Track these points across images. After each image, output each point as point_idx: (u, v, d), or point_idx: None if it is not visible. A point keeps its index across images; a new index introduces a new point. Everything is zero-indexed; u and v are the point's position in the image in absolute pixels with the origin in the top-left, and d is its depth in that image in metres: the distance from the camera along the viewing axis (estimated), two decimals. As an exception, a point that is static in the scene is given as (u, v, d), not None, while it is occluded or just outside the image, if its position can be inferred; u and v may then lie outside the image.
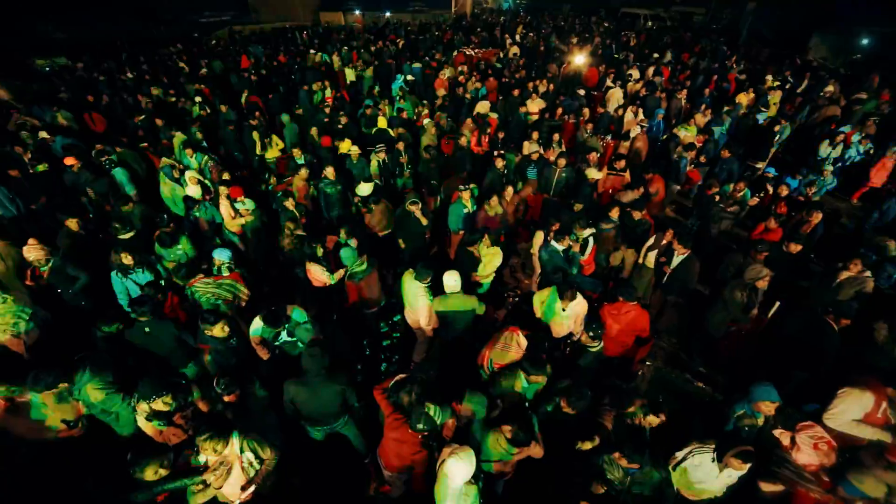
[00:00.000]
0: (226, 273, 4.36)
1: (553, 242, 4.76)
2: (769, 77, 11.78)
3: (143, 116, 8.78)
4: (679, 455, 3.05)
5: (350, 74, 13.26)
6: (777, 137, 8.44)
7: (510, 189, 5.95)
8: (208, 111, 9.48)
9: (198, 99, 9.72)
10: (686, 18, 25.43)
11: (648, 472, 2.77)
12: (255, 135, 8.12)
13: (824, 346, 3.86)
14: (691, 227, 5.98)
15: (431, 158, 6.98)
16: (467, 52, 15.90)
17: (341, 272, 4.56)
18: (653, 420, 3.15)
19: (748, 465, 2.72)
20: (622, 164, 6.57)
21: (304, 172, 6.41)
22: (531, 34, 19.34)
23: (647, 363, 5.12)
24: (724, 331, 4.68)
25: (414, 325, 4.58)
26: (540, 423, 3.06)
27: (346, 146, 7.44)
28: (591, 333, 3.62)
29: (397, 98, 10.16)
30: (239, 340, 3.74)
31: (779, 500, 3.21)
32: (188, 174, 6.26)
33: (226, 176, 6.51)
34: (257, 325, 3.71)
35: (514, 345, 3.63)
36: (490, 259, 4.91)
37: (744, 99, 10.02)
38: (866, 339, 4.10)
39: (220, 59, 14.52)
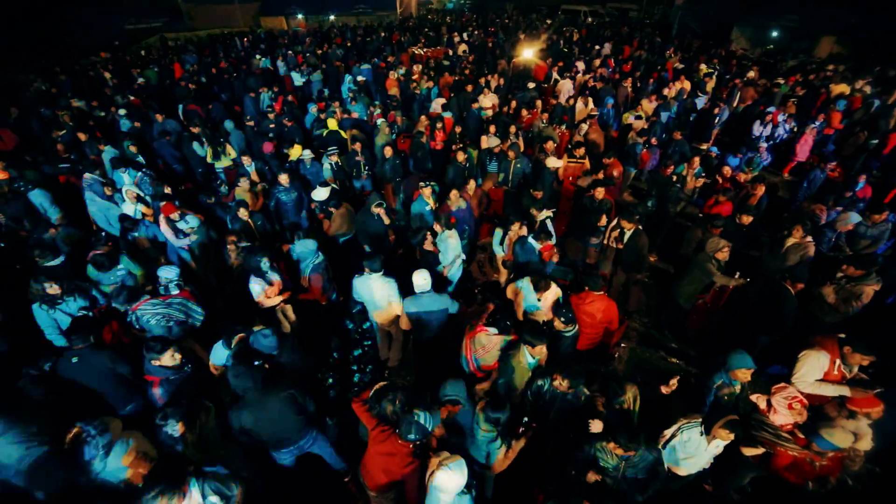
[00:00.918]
0: (175, 291, 3.94)
1: (529, 239, 4.73)
2: (703, 66, 12.55)
3: (63, 132, 7.92)
4: (668, 433, 3.05)
5: (297, 79, 12.79)
6: (717, 120, 8.93)
7: (472, 183, 5.91)
8: (139, 123, 8.71)
9: (122, 112, 8.92)
10: (622, 14, 26.96)
11: (642, 454, 2.73)
12: (201, 145, 7.56)
13: (784, 309, 4.03)
14: (651, 207, 6.17)
15: (390, 157, 6.78)
16: (416, 52, 15.82)
17: (279, 297, 4.25)
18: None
19: (735, 434, 2.75)
20: (581, 151, 6.69)
21: (244, 183, 6.06)
22: (478, 31, 19.53)
23: (622, 345, 5.18)
24: (694, 303, 4.81)
25: (384, 325, 4.37)
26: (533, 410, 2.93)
27: (296, 151, 7.07)
28: (562, 318, 3.58)
29: (348, 100, 9.85)
30: (195, 365, 3.36)
31: (760, 462, 3.29)
32: (126, 190, 5.66)
33: (167, 190, 5.98)
34: (220, 351, 3.36)
35: (494, 335, 3.57)
36: (446, 244, 4.80)
37: (686, 85, 10.55)
38: (815, 299, 4.36)
39: (153, 68, 13.53)
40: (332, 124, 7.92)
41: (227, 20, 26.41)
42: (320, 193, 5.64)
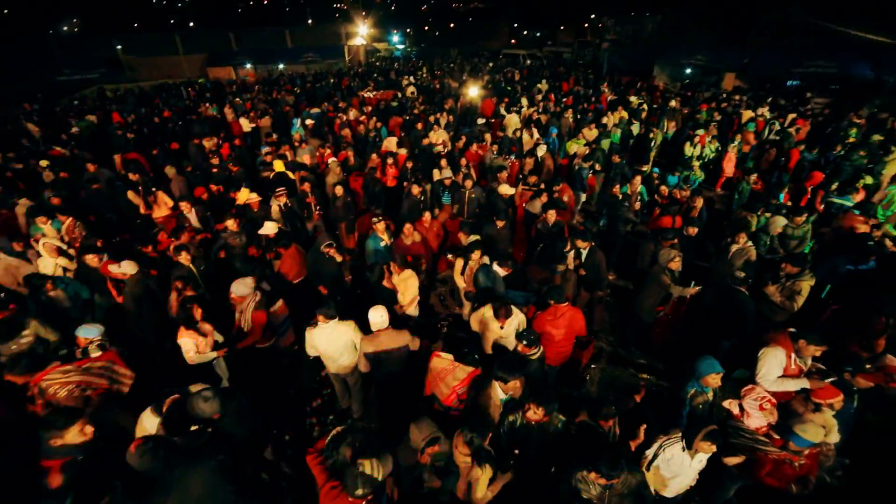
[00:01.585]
0: (96, 354, 3.43)
1: (495, 266, 4.67)
2: (633, 98, 13.73)
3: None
4: (649, 453, 2.91)
5: (245, 124, 12.61)
6: (653, 143, 9.64)
7: (427, 215, 5.89)
8: (66, 174, 8.06)
9: (43, 163, 8.29)
10: (557, 56, 29.49)
11: (626, 479, 2.56)
12: (131, 194, 7.08)
13: (744, 312, 4.15)
14: (602, 226, 6.36)
15: (341, 196, 6.66)
16: (366, 95, 16.22)
17: (214, 353, 3.87)
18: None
19: (716, 445, 2.66)
20: (534, 178, 6.93)
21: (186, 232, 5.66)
22: (425, 75, 20.45)
23: (593, 366, 5.11)
24: (655, 316, 4.86)
25: (342, 374, 4.03)
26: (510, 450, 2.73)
27: (244, 195, 6.76)
28: (525, 342, 3.46)
29: (297, 143, 9.76)
30: (116, 439, 2.85)
31: (743, 471, 3.22)
32: (43, 243, 5.07)
33: (98, 243, 5.45)
34: (149, 420, 2.88)
35: (448, 362, 3.41)
36: (405, 285, 4.63)
37: (625, 115, 11.42)
38: (763, 299, 4.55)
39: (88, 118, 12.90)
40: (279, 166, 7.72)
41: (172, 71, 26.09)
42: (268, 227, 5.35)
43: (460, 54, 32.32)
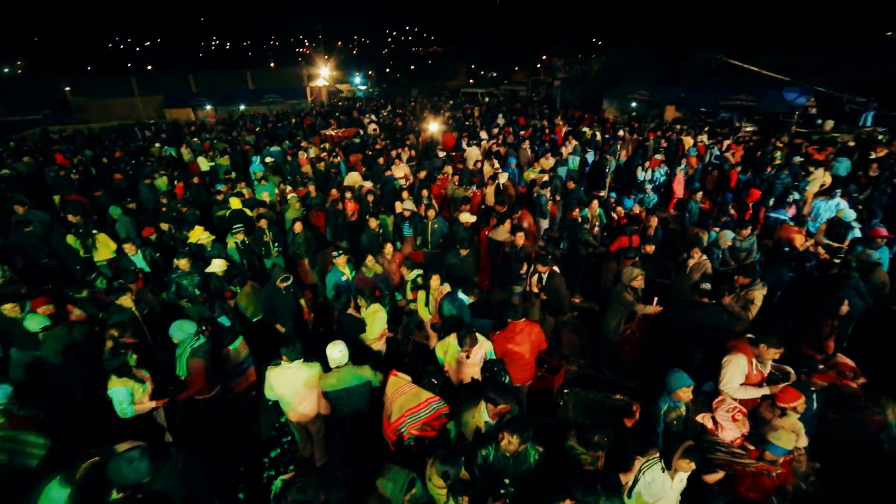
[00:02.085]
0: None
1: (459, 294, 4.59)
2: (586, 129, 14.57)
3: None
4: (629, 478, 2.78)
5: (203, 164, 12.29)
6: (607, 169, 10.17)
7: (389, 247, 5.84)
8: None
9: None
10: (514, 94, 31.22)
11: (606, 508, 2.40)
12: (71, 238, 6.56)
13: (712, 323, 4.21)
14: (563, 249, 6.47)
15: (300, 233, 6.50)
16: (328, 133, 16.33)
17: (151, 404, 3.50)
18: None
19: (695, 462, 2.57)
20: (502, 208, 7.09)
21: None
22: (387, 113, 20.96)
23: (566, 391, 5.00)
24: (622, 334, 4.86)
25: (304, 420, 3.70)
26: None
27: (196, 234, 6.42)
28: (487, 374, 3.33)
29: (256, 181, 9.56)
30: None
31: (723, 488, 3.14)
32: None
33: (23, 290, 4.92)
34: (58, 491, 2.45)
35: (405, 382, 3.27)
36: (373, 318, 4.44)
37: (577, 144, 12.03)
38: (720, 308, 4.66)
39: (25, 159, 12.13)
40: (236, 203, 7.47)
41: (126, 113, 25.40)
42: (214, 266, 5.04)
43: (421, 93, 33.58)
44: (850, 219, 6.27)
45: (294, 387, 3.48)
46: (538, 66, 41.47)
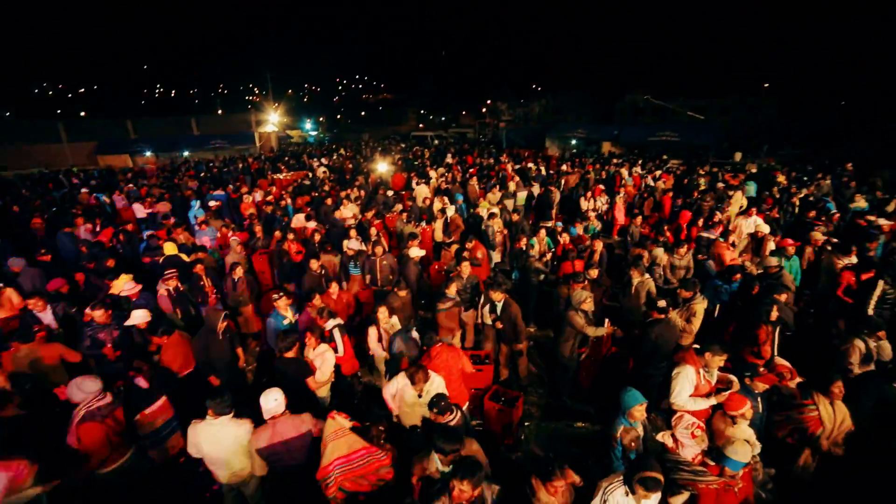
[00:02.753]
0: None
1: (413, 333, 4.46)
2: (531, 165, 15.37)
3: None
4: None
5: (139, 210, 11.52)
6: (554, 201, 10.66)
7: (334, 286, 5.62)
8: None
9: None
10: (462, 136, 32.72)
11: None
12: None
13: (670, 337, 4.28)
14: (515, 279, 6.51)
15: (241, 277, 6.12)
16: (276, 177, 16.13)
17: (33, 490, 2.85)
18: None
19: (650, 491, 2.45)
20: (455, 247, 7.07)
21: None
22: (337, 157, 21.07)
23: (526, 423, 4.82)
24: (578, 359, 4.82)
25: (235, 482, 3.23)
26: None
27: (121, 282, 5.83)
28: (435, 410, 3.14)
29: (195, 225, 9.05)
30: None
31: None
32: None
33: None
34: None
35: (342, 426, 3.00)
36: (322, 359, 4.15)
37: (523, 178, 12.60)
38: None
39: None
40: (170, 249, 6.94)
41: (51, 160, 23.56)
42: (136, 317, 4.53)
43: (372, 138, 34.31)
44: (766, 233, 6.87)
45: (220, 445, 3.05)
46: (484, 109, 44.10)
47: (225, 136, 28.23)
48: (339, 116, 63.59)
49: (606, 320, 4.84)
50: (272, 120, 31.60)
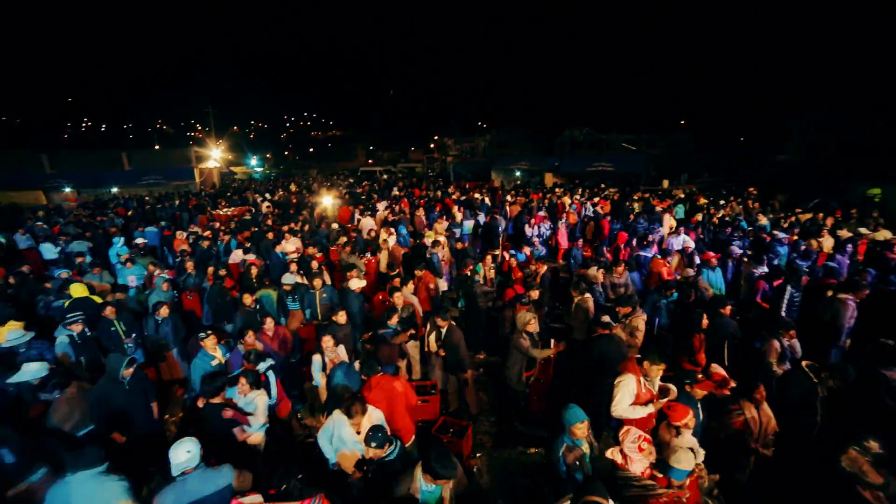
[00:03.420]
0: None
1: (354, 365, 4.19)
2: (477, 195, 15.83)
3: None
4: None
5: (48, 251, 10.35)
6: (500, 229, 10.91)
7: (270, 322, 5.24)
8: None
9: None
10: (411, 171, 33.36)
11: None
12: None
13: (611, 354, 4.30)
14: (461, 306, 6.45)
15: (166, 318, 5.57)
16: (217, 213, 15.37)
17: None
18: None
19: None
20: (396, 270, 7.02)
21: None
22: (282, 192, 20.59)
23: (478, 454, 4.60)
24: (526, 383, 4.74)
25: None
26: None
27: (5, 331, 5.04)
28: (373, 444, 2.91)
29: (120, 263, 8.24)
30: None
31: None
32: None
33: None
34: None
35: None
36: (255, 406, 3.75)
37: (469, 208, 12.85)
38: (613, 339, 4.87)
39: None
40: (78, 291, 6.20)
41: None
42: (25, 373, 3.88)
43: (320, 173, 34.01)
44: (692, 248, 7.41)
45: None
46: (432, 145, 45.41)
47: (160, 171, 26.58)
48: (286, 153, 62.67)
49: (553, 340, 4.85)
50: (214, 156, 30.37)
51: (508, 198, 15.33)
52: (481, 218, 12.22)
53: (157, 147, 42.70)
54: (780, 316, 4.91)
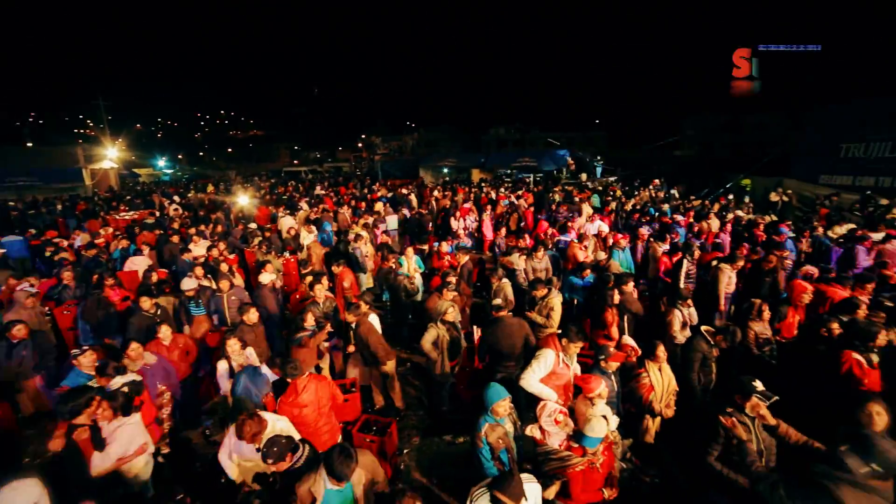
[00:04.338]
0: None
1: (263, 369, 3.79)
2: (404, 190, 15.79)
3: None
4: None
5: None
6: (428, 222, 10.91)
7: (165, 330, 4.62)
8: None
9: None
10: (338, 170, 32.30)
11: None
12: None
13: (501, 337, 4.29)
14: (385, 300, 6.23)
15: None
16: (113, 217, 13.54)
17: None
18: None
19: (506, 494, 2.30)
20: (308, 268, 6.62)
21: None
22: (194, 193, 18.75)
23: (405, 451, 4.43)
24: (451, 372, 4.66)
25: None
26: None
27: None
28: (269, 460, 2.60)
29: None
30: None
31: (563, 497, 2.98)
32: None
33: None
34: None
35: None
36: (118, 436, 3.19)
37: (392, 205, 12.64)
38: (529, 321, 4.95)
39: None
40: None
41: None
42: None
43: (239, 174, 31.57)
44: (606, 233, 7.92)
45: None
46: (360, 144, 44.32)
47: (36, 172, 22.70)
48: (201, 154, 57.31)
49: (475, 327, 4.82)
50: (110, 155, 26.64)
51: (436, 193, 15.37)
52: (406, 212, 12.09)
53: (29, 144, 36.66)
54: (678, 288, 5.35)
